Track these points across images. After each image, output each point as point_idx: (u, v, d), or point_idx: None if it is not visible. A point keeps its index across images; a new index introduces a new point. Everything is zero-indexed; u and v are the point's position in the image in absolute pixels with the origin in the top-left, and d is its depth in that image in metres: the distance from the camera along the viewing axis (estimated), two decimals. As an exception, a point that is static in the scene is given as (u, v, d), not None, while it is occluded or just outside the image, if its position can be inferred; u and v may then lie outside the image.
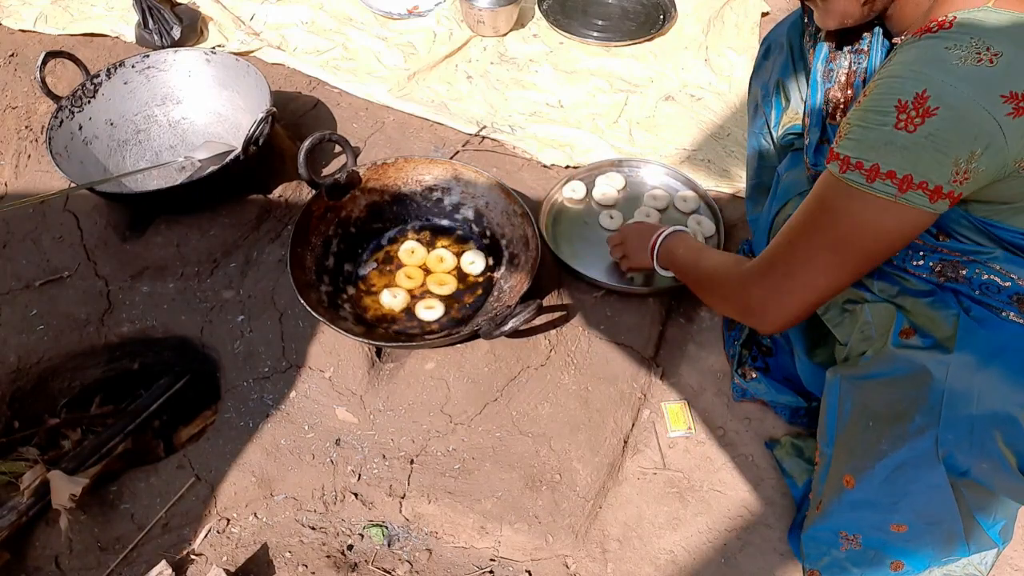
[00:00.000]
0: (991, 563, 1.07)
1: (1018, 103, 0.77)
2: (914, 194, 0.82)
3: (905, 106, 0.80)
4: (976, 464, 0.93)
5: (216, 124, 1.79)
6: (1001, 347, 0.93)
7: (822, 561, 1.13)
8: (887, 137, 0.81)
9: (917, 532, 1.01)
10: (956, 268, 0.96)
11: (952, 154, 0.79)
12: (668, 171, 1.73)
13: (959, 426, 0.93)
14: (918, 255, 0.99)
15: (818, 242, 0.93)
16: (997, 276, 0.93)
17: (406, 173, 1.57)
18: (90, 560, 1.19)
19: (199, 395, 1.49)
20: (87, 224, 1.58)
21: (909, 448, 0.96)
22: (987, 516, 0.99)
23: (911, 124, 0.79)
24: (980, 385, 0.92)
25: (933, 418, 0.93)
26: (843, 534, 1.07)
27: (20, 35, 2.09)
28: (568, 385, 1.37)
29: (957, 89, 0.78)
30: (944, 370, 0.93)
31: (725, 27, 2.21)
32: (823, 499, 1.10)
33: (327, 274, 1.48)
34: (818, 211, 0.92)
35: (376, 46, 2.11)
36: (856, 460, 1.03)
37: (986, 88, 0.77)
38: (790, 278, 0.98)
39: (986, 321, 0.95)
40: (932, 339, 0.96)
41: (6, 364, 1.40)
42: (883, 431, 0.99)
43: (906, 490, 0.98)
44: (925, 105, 0.78)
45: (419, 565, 1.21)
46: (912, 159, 0.81)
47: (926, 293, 1.00)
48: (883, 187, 0.83)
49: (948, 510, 0.97)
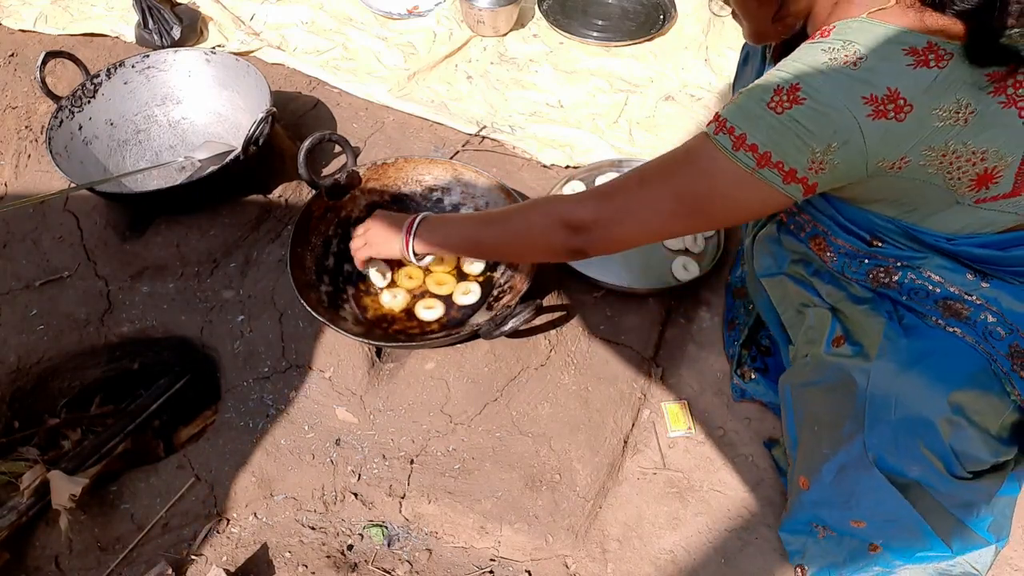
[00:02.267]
0: (989, 562, 1.07)
1: (877, 106, 0.82)
2: (769, 171, 0.87)
3: (780, 90, 0.86)
4: (908, 467, 0.96)
5: (216, 124, 1.79)
6: (922, 353, 0.96)
7: (805, 553, 1.16)
8: (759, 111, 0.87)
9: (876, 528, 1.04)
10: (889, 274, 1.00)
11: (810, 143, 0.84)
12: (626, 171, 1.73)
13: (882, 431, 0.96)
14: (855, 262, 1.03)
15: (669, 189, 0.97)
16: (927, 281, 0.97)
17: (406, 173, 1.57)
18: (90, 560, 1.19)
19: (199, 395, 1.49)
20: (87, 224, 1.58)
21: (845, 452, 1.00)
22: (969, 513, 1.00)
23: (780, 106, 0.85)
24: (898, 391, 0.95)
25: (859, 424, 0.97)
26: (814, 525, 1.11)
27: (20, 35, 2.09)
28: (568, 385, 1.37)
29: (824, 86, 0.83)
30: (866, 377, 0.97)
31: (725, 27, 2.21)
32: (789, 498, 1.15)
33: (327, 274, 1.48)
34: (683, 162, 0.96)
35: (376, 46, 2.11)
36: (807, 463, 1.07)
37: (849, 88, 0.83)
38: (628, 211, 1.00)
39: (914, 328, 0.98)
40: (859, 347, 1.01)
41: (6, 364, 1.40)
42: (824, 435, 1.03)
43: (852, 490, 1.02)
44: (796, 94, 0.84)
45: (419, 565, 1.21)
46: (775, 138, 0.86)
47: (863, 300, 1.04)
48: (744, 157, 0.88)
49: (899, 508, 0.99)
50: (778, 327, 1.28)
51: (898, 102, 0.82)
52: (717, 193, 0.93)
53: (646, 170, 1.01)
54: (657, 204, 0.98)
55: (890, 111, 0.82)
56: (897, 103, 0.82)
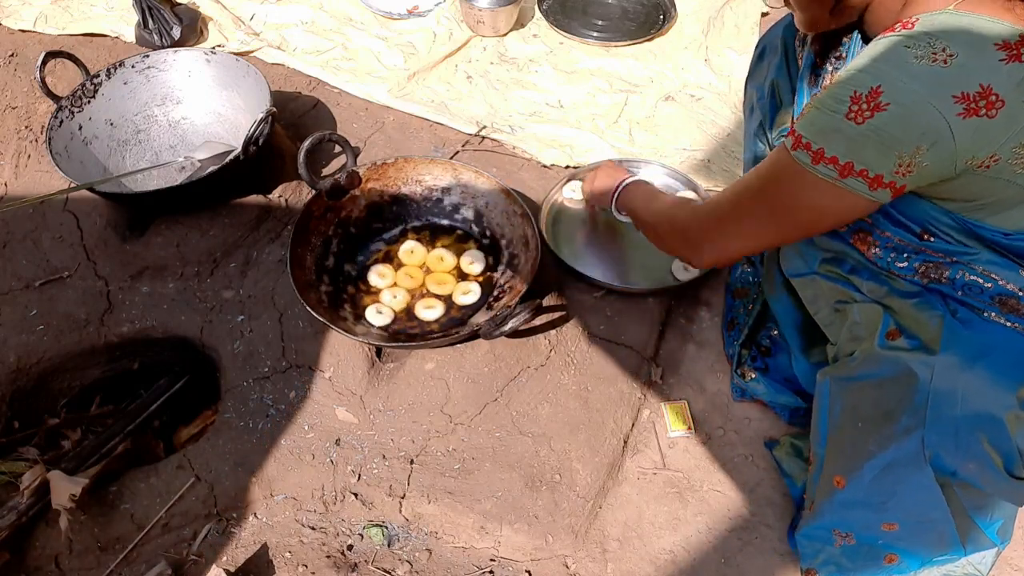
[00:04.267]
0: (991, 563, 1.07)
1: (969, 104, 0.79)
2: (854, 180, 0.85)
3: (859, 98, 0.82)
4: (963, 465, 0.94)
5: (216, 124, 1.79)
6: (985, 348, 0.94)
7: (817, 559, 1.14)
8: (836, 124, 0.84)
9: (908, 531, 1.02)
10: (940, 269, 0.98)
11: (896, 148, 0.82)
12: (668, 171, 1.73)
13: (944, 427, 0.94)
14: (902, 256, 1.00)
15: (758, 205, 0.99)
16: (980, 277, 0.95)
17: (406, 173, 1.57)
18: (90, 560, 1.19)
19: (199, 395, 1.49)
20: (87, 224, 1.58)
21: (896, 449, 0.97)
22: (983, 516, 0.99)
23: (860, 116, 0.82)
24: (964, 386, 0.93)
25: (919, 419, 0.95)
26: (836, 532, 1.09)
27: (20, 35, 2.09)
28: (568, 385, 1.37)
29: (910, 87, 0.80)
30: (929, 371, 0.94)
31: (725, 27, 2.21)
32: (815, 499, 1.11)
33: (327, 274, 1.48)
34: (766, 178, 0.97)
35: (376, 46, 2.11)
36: (846, 461, 1.04)
37: (938, 87, 0.79)
38: (727, 226, 1.05)
39: (970, 322, 0.96)
40: (918, 340, 0.98)
41: (6, 364, 1.40)
42: (871, 432, 1.00)
43: (894, 490, 0.99)
44: (877, 100, 0.81)
45: (419, 565, 1.21)
46: (855, 148, 0.83)
47: (913, 295, 1.01)
48: (825, 170, 0.86)
49: (938, 510, 0.97)
50: (794, 330, 1.27)
51: (990, 98, 0.79)
52: (804, 206, 0.93)
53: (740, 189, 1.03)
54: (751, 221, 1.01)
55: (982, 108, 0.79)
56: (989, 99, 0.79)
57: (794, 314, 1.26)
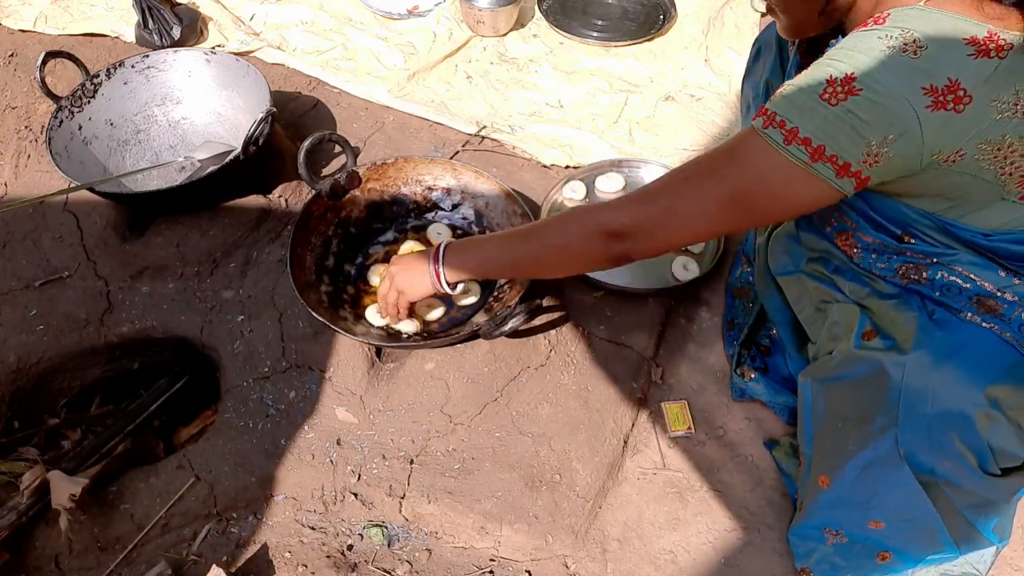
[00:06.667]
0: (990, 562, 1.07)
1: (937, 97, 0.80)
2: (823, 166, 0.85)
3: (834, 81, 0.83)
4: (938, 462, 0.95)
5: (216, 124, 1.79)
6: (957, 347, 0.94)
7: (811, 558, 1.15)
8: (812, 103, 0.84)
9: (895, 529, 1.03)
10: (919, 270, 0.98)
11: (866, 135, 0.82)
12: (668, 171, 1.73)
13: (917, 425, 0.94)
14: (883, 258, 1.01)
15: (715, 190, 0.94)
16: (959, 278, 0.95)
17: (406, 173, 1.57)
18: (90, 560, 1.19)
19: (199, 395, 1.49)
20: (87, 224, 1.58)
21: (873, 448, 0.98)
22: (977, 514, 0.99)
23: (835, 98, 0.83)
24: (935, 384, 0.93)
25: (892, 418, 0.96)
26: (827, 530, 1.10)
27: (20, 35, 2.09)
28: (568, 385, 1.37)
29: (883, 76, 0.81)
30: (901, 370, 0.95)
31: (725, 27, 2.21)
32: (804, 499, 1.12)
33: (327, 274, 1.48)
34: (727, 161, 0.93)
35: (376, 46, 2.11)
36: (828, 460, 1.05)
37: (909, 78, 0.80)
38: (672, 214, 0.98)
39: (946, 323, 0.96)
40: (892, 340, 0.98)
41: (6, 364, 1.40)
42: (850, 432, 1.01)
43: (875, 489, 1.00)
44: (851, 84, 0.82)
45: (419, 565, 1.21)
46: (830, 130, 0.83)
47: (891, 295, 1.02)
48: (797, 151, 0.85)
49: (921, 507, 0.98)
50: (787, 328, 1.28)
51: (958, 93, 0.79)
52: (766, 190, 0.90)
53: (690, 169, 0.98)
54: (703, 204, 0.95)
55: (949, 102, 0.79)
56: (957, 94, 0.79)
57: (786, 312, 1.26)
